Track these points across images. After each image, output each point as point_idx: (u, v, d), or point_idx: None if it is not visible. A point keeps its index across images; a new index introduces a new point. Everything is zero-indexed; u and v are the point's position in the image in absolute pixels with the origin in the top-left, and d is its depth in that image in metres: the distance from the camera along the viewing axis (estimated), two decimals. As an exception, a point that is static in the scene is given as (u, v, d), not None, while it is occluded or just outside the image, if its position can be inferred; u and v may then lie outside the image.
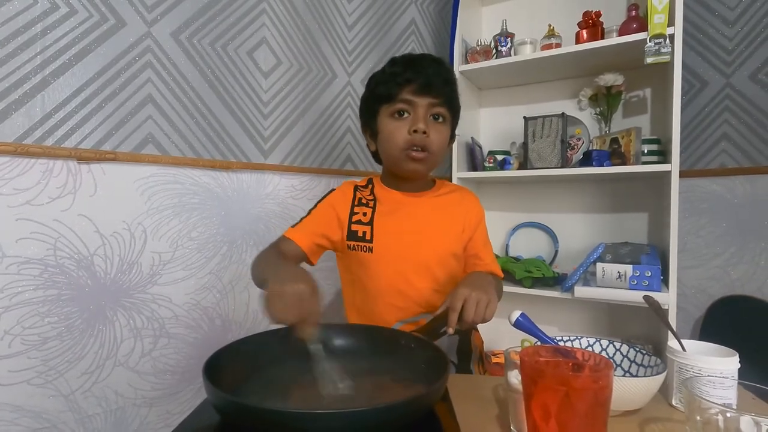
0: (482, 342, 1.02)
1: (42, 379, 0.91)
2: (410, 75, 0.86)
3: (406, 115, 0.88)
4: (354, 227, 0.92)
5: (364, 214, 0.93)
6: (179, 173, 1.13)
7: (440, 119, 0.89)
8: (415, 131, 0.85)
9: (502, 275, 1.01)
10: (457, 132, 0.98)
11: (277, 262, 0.81)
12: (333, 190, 0.99)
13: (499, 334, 1.78)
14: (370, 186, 0.98)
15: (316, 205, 0.96)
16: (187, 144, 1.14)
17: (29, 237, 0.89)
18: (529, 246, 1.82)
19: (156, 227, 1.08)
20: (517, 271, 1.57)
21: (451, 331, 0.69)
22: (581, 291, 1.38)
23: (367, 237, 0.91)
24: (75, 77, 0.95)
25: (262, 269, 0.78)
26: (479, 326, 1.05)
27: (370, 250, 0.90)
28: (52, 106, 0.92)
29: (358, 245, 0.91)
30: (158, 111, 1.09)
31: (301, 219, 0.94)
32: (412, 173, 0.92)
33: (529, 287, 1.55)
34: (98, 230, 0.99)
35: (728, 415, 0.44)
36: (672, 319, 1.28)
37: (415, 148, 0.87)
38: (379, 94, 0.90)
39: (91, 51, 0.97)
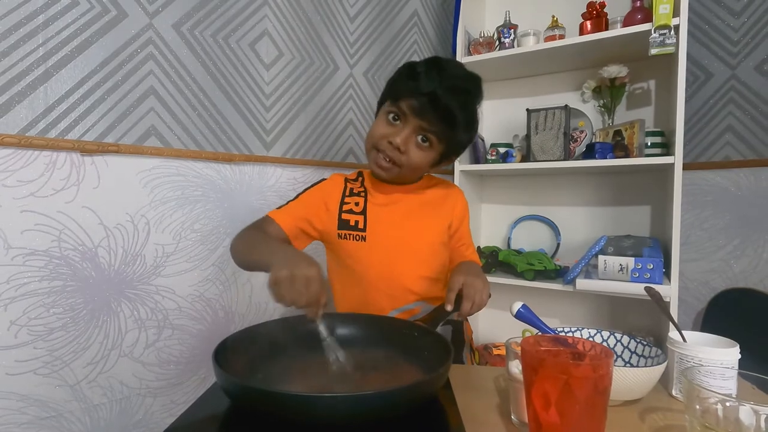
0: (471, 332, 1.03)
1: (48, 369, 0.92)
2: (422, 88, 0.80)
3: (397, 123, 0.85)
4: (345, 216, 0.91)
5: (356, 203, 0.93)
6: (182, 165, 1.13)
7: (426, 143, 0.85)
8: (390, 142, 0.84)
9: (480, 263, 1.03)
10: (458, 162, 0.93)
11: (273, 243, 0.79)
12: (323, 179, 0.98)
13: (500, 327, 1.79)
14: (360, 179, 0.98)
15: (304, 191, 0.95)
16: (189, 136, 1.15)
17: (34, 229, 0.90)
18: (531, 239, 1.82)
19: (159, 219, 1.09)
20: (519, 264, 1.57)
21: (449, 307, 0.72)
22: (583, 283, 1.38)
23: (360, 226, 0.90)
24: (77, 69, 0.95)
25: (254, 249, 0.76)
26: (477, 317, 1.06)
27: (363, 239, 0.90)
28: (55, 98, 0.92)
29: (349, 234, 0.90)
30: (160, 103, 1.09)
31: (288, 202, 0.93)
32: (375, 173, 0.91)
33: (531, 280, 1.55)
34: (102, 222, 0.99)
35: (727, 404, 0.44)
36: (674, 312, 1.28)
37: (383, 155, 0.86)
38: (395, 86, 0.86)
39: (92, 43, 0.97)
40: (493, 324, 1.81)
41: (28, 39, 0.88)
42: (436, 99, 0.80)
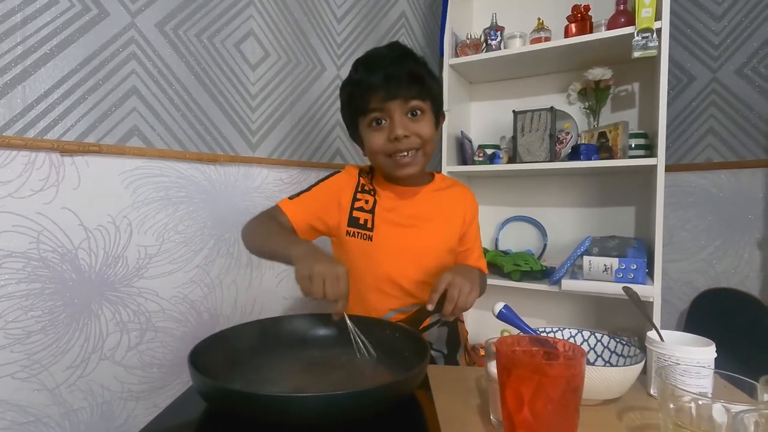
0: (467, 333, 1.03)
1: (26, 373, 0.90)
2: (374, 80, 0.82)
3: (383, 122, 0.85)
4: (356, 214, 0.91)
5: (366, 201, 0.92)
6: (165, 166, 1.12)
7: (418, 113, 0.85)
8: (395, 138, 0.83)
9: (486, 271, 1.02)
10: (446, 108, 0.95)
11: (292, 236, 0.84)
12: (337, 171, 0.97)
13: (488, 327, 1.80)
14: (371, 175, 0.98)
15: (319, 183, 0.94)
16: (173, 137, 1.13)
17: (11, 230, 0.88)
18: (518, 240, 1.83)
19: (142, 221, 1.07)
20: (506, 265, 1.58)
21: (430, 307, 0.72)
22: (568, 284, 1.39)
23: (368, 225, 0.90)
24: (57, 68, 0.93)
25: (271, 238, 0.80)
26: (465, 318, 1.06)
27: (370, 238, 0.90)
28: (34, 98, 0.90)
29: (358, 232, 0.90)
30: (143, 103, 1.08)
31: (300, 193, 0.92)
32: (405, 176, 0.89)
33: (518, 280, 1.56)
34: (82, 223, 0.98)
35: (700, 402, 0.44)
36: (657, 312, 1.30)
37: (400, 154, 0.85)
38: (353, 106, 0.88)
39: (73, 42, 0.95)
40: (482, 325, 1.81)
41: (5, 37, 0.86)
42: (393, 75, 0.81)
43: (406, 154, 0.85)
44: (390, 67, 0.82)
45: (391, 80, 0.81)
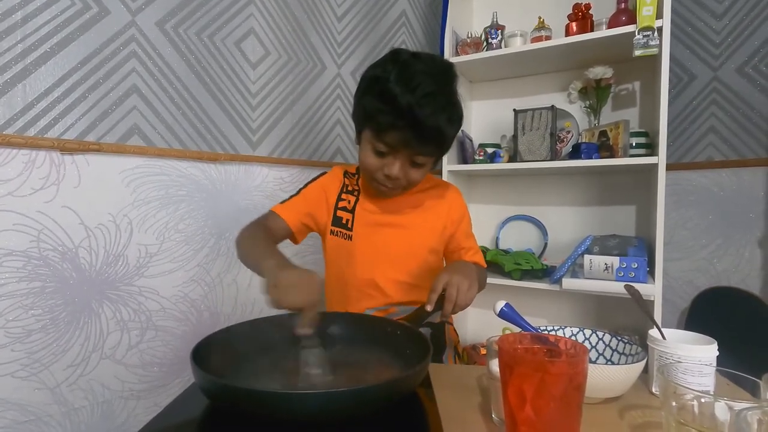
0: (457, 336, 1.02)
1: (26, 372, 0.90)
2: (403, 109, 0.74)
3: (387, 155, 0.81)
4: (339, 213, 0.92)
5: (349, 201, 0.93)
6: (165, 165, 1.12)
7: (420, 164, 0.83)
8: (386, 175, 0.82)
9: (485, 265, 1.01)
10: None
11: (269, 247, 0.80)
12: (324, 172, 0.98)
13: (488, 326, 1.80)
14: (357, 176, 0.98)
15: (306, 185, 0.95)
16: (173, 135, 1.13)
17: (12, 229, 0.88)
18: (519, 239, 1.83)
19: (142, 219, 1.07)
20: (507, 264, 1.58)
21: (429, 308, 0.72)
22: (569, 283, 1.39)
23: (349, 225, 0.91)
24: (57, 67, 0.93)
25: (256, 250, 0.77)
26: (465, 316, 1.06)
27: (350, 237, 0.91)
28: (34, 96, 0.90)
29: (340, 231, 0.92)
30: (144, 102, 1.07)
31: (291, 197, 0.93)
32: (382, 196, 0.90)
33: (518, 279, 1.56)
34: (83, 222, 0.98)
35: (703, 400, 0.44)
36: (658, 310, 1.30)
37: (384, 185, 0.85)
38: (367, 110, 0.81)
39: (73, 40, 0.95)
40: (482, 324, 1.81)
41: (6, 36, 0.86)
42: (422, 126, 0.75)
43: (388, 187, 0.86)
44: (425, 115, 0.74)
45: (417, 131, 0.76)
